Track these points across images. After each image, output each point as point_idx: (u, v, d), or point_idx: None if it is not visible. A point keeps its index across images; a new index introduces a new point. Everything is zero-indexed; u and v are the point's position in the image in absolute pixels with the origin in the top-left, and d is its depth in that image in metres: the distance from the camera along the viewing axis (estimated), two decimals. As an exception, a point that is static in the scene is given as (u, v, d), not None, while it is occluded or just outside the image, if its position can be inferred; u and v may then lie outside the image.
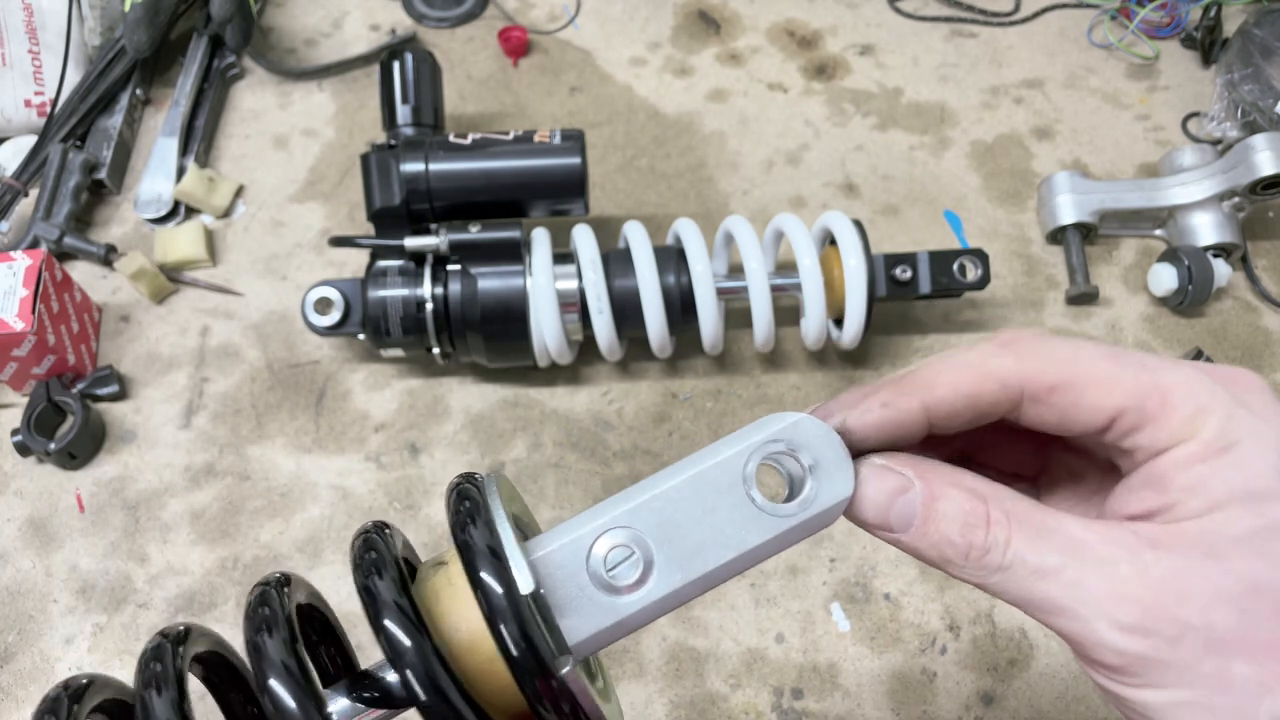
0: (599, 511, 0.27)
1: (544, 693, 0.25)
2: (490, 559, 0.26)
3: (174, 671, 0.25)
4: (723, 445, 0.28)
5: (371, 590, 0.26)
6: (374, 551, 0.28)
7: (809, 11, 0.98)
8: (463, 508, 0.28)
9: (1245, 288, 0.80)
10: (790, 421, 0.27)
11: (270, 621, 0.26)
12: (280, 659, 0.25)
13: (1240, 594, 0.23)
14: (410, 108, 0.75)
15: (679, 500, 0.27)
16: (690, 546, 0.27)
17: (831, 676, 0.63)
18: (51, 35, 0.87)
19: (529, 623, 0.25)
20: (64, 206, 0.80)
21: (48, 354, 0.71)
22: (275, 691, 0.25)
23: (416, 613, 0.26)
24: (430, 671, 0.25)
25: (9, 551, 0.68)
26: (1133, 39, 0.95)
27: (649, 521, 0.27)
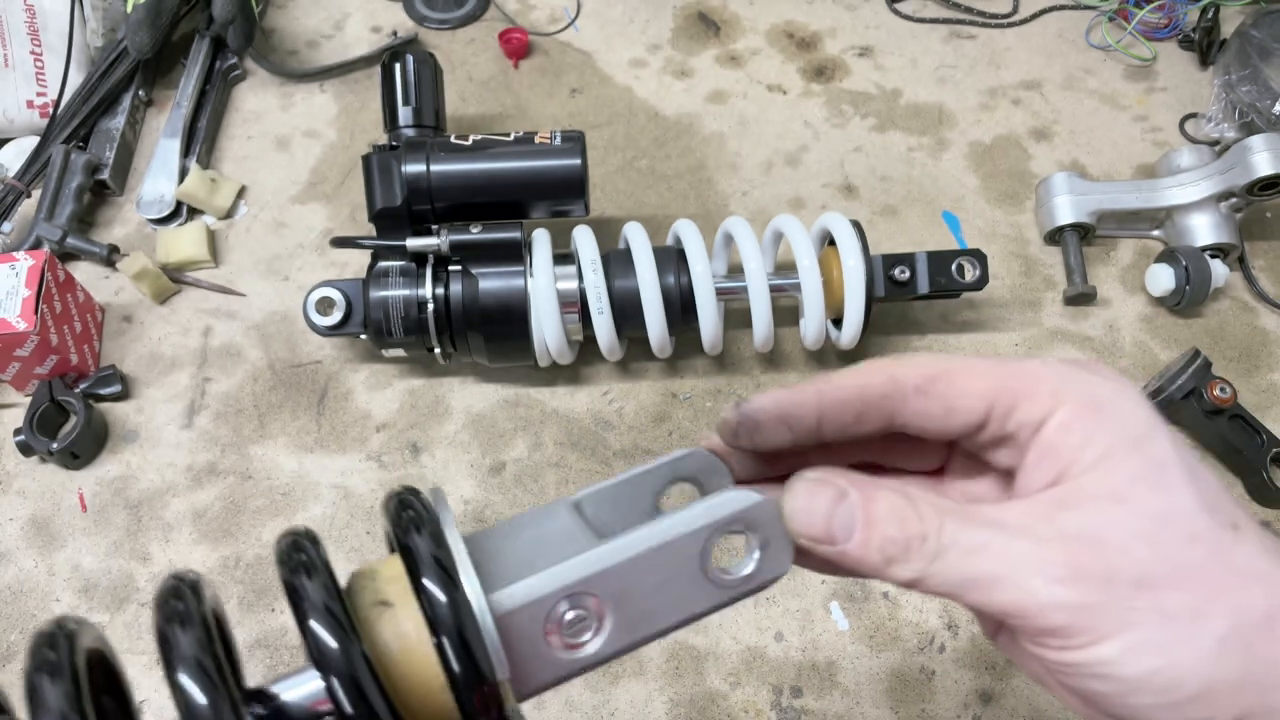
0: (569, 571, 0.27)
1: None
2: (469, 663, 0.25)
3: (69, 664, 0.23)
4: (688, 520, 0.28)
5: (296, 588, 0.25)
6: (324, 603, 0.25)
7: (808, 13, 0.99)
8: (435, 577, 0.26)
9: (1243, 288, 0.81)
10: (752, 503, 0.29)
11: (185, 616, 0.24)
12: (195, 654, 0.23)
13: (1150, 529, 0.25)
14: (411, 109, 0.75)
15: (639, 571, 0.28)
16: (641, 611, 0.28)
17: (830, 675, 0.63)
18: (54, 36, 0.87)
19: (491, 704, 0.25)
20: (66, 207, 0.81)
21: (50, 354, 0.71)
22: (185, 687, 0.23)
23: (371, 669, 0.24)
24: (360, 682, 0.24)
25: (11, 551, 0.68)
26: (1131, 40, 0.95)
27: (609, 588, 0.27)
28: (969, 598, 0.26)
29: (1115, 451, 0.26)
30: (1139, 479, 0.25)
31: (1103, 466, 0.26)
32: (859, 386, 0.29)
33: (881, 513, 0.27)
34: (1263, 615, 0.24)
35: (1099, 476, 0.26)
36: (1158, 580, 0.24)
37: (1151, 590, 0.24)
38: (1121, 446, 0.26)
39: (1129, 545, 0.25)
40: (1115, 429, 0.26)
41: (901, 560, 0.26)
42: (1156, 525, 0.25)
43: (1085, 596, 0.24)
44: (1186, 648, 0.24)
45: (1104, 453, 0.26)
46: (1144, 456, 0.26)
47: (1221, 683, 0.24)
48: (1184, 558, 0.25)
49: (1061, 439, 0.27)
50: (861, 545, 0.27)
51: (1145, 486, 0.25)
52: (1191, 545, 0.25)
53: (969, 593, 0.26)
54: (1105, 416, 0.26)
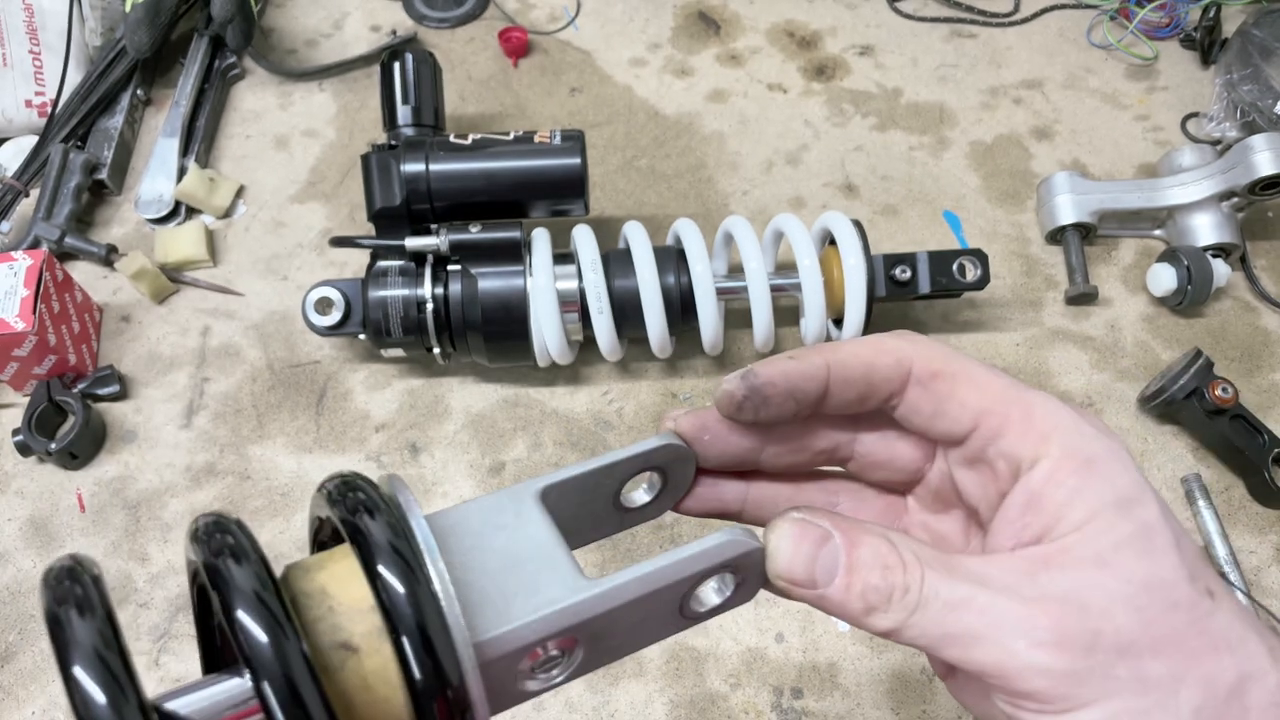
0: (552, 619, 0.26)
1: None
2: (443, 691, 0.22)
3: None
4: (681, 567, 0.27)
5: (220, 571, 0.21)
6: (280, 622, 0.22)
7: (809, 12, 0.98)
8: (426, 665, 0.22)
9: (1244, 288, 0.81)
10: (744, 552, 0.28)
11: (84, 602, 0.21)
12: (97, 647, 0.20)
13: (1133, 594, 0.24)
14: (411, 108, 0.75)
15: (623, 614, 0.27)
16: (612, 645, 0.27)
17: (831, 676, 0.63)
18: (52, 35, 0.87)
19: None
20: (65, 207, 0.81)
21: (49, 354, 0.71)
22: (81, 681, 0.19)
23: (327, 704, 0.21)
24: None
25: (10, 551, 0.68)
26: (1132, 39, 0.95)
27: (589, 630, 0.27)
28: (947, 653, 0.25)
29: (1103, 514, 0.25)
30: (1125, 544, 0.25)
31: (1090, 528, 0.25)
32: (867, 365, 0.29)
33: (865, 559, 0.26)
34: (1230, 685, 0.24)
35: (1085, 538, 0.25)
36: (1139, 648, 0.24)
37: (1132, 658, 0.24)
38: (1110, 509, 0.25)
39: (1112, 611, 0.24)
40: (1105, 489, 0.26)
41: (881, 610, 0.26)
42: (1140, 592, 0.25)
43: (1068, 663, 0.24)
44: (1164, 717, 0.24)
45: (1092, 514, 0.25)
46: (1132, 521, 0.25)
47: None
48: (1165, 625, 0.24)
49: (1049, 493, 0.26)
50: (843, 591, 0.26)
51: (1131, 552, 0.25)
52: (1173, 613, 0.25)
53: (947, 648, 0.25)
54: (1095, 475, 0.26)
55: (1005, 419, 0.27)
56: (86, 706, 0.19)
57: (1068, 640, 0.24)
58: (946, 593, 0.25)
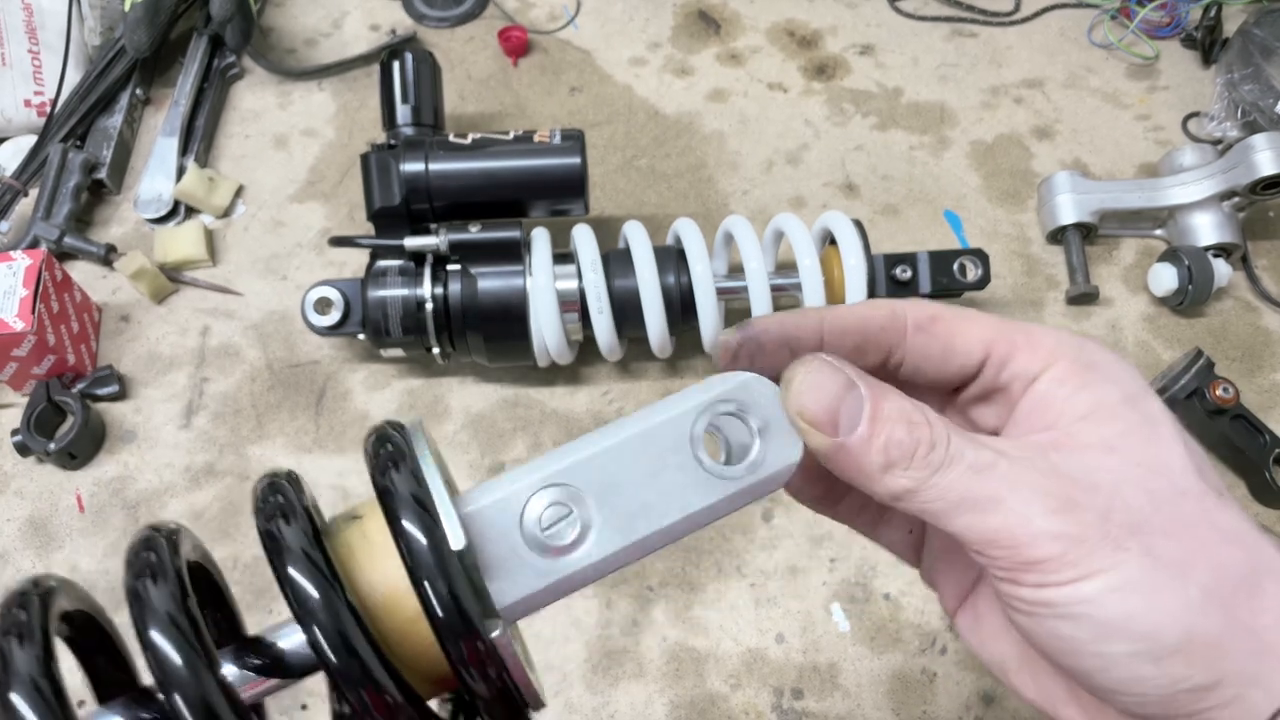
0: (536, 466, 0.25)
1: (470, 656, 0.23)
2: (416, 509, 0.23)
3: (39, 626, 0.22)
4: (670, 404, 0.26)
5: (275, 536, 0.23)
6: (280, 496, 0.25)
7: (809, 11, 0.98)
8: (384, 452, 0.25)
9: (1245, 288, 0.80)
10: (739, 381, 0.26)
11: (156, 569, 0.23)
12: (167, 610, 0.22)
13: (1142, 477, 0.25)
14: (410, 107, 0.75)
15: (622, 459, 0.25)
16: (632, 508, 0.25)
17: (832, 677, 0.63)
18: (51, 35, 0.87)
19: (457, 580, 0.23)
20: (64, 206, 0.80)
21: (48, 354, 0.71)
22: (159, 645, 0.22)
23: (329, 563, 0.23)
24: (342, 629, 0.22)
25: (9, 551, 0.68)
26: (1133, 39, 0.95)
27: (590, 479, 0.25)
28: (958, 519, 0.25)
29: (1108, 405, 0.26)
30: (1131, 432, 0.25)
31: (1095, 417, 0.26)
32: (861, 317, 0.29)
33: (890, 411, 0.26)
34: (1242, 576, 0.24)
35: (1091, 426, 0.26)
36: (1149, 526, 0.24)
37: (1143, 534, 0.24)
38: (1114, 401, 0.26)
39: (1122, 490, 0.25)
40: (1109, 387, 0.26)
41: (901, 466, 0.25)
42: (1149, 475, 0.25)
43: (1079, 529, 0.24)
44: (1171, 595, 0.23)
45: (1096, 405, 0.26)
46: (1137, 412, 0.26)
47: (1201, 639, 0.23)
48: (1174, 509, 0.24)
49: (1054, 390, 0.27)
50: (864, 440, 0.25)
51: (1138, 439, 0.25)
52: (1181, 499, 0.25)
53: (961, 514, 0.25)
54: (1099, 374, 0.27)
55: (1012, 344, 0.28)
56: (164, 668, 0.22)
57: (1081, 509, 0.24)
58: (972, 456, 0.25)
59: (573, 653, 0.64)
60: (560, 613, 0.65)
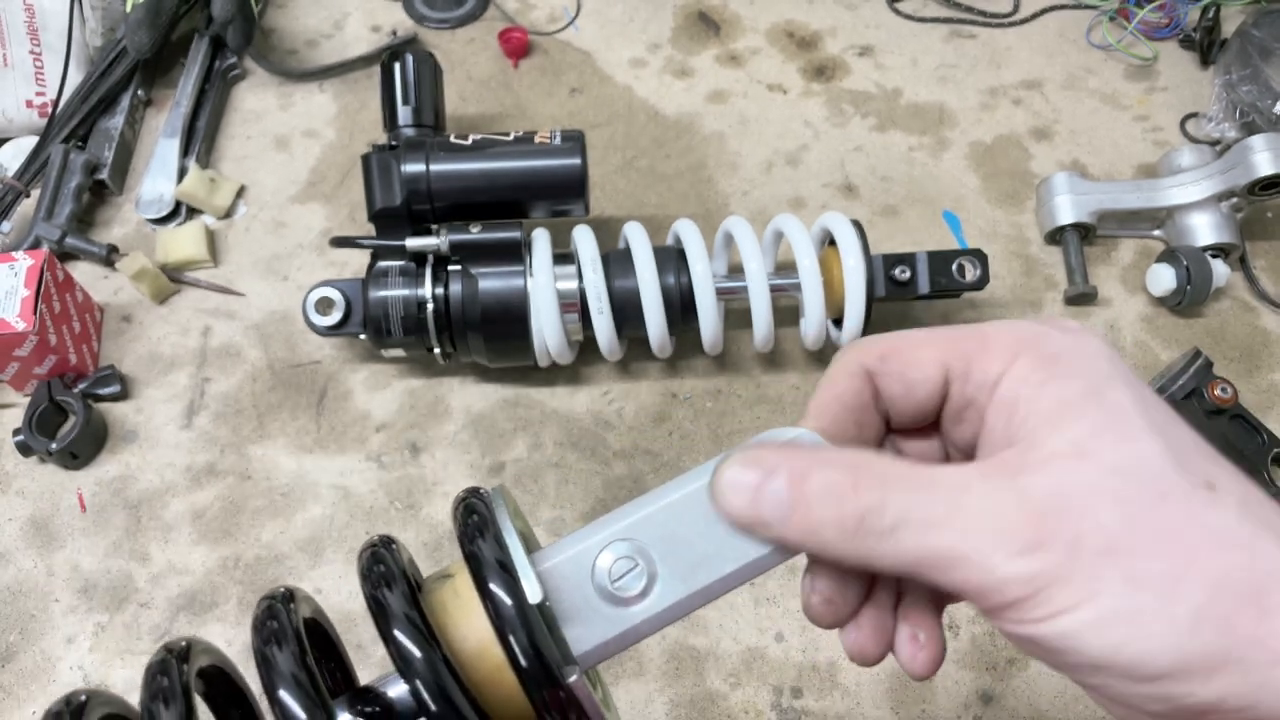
0: (604, 524, 0.28)
1: (552, 702, 0.26)
2: (499, 571, 0.27)
3: (179, 686, 0.25)
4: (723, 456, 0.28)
5: (381, 601, 0.27)
6: (383, 565, 0.28)
7: (808, 13, 0.99)
8: (471, 521, 0.28)
9: (1243, 288, 0.81)
10: (790, 436, 0.28)
11: (279, 634, 0.27)
12: (290, 670, 0.26)
13: (1118, 486, 0.23)
14: (411, 109, 0.75)
15: (682, 514, 0.27)
16: (693, 559, 0.27)
17: (831, 675, 0.63)
18: (53, 36, 0.87)
19: (537, 632, 0.26)
20: (66, 207, 0.81)
21: (49, 354, 0.71)
22: (285, 702, 0.25)
23: (426, 623, 0.27)
24: (440, 681, 0.25)
25: (11, 551, 0.68)
26: (1131, 40, 0.95)
27: (653, 534, 0.27)
28: (927, 576, 0.24)
29: (1073, 401, 0.24)
30: (1100, 431, 0.24)
31: (1061, 417, 0.24)
32: (835, 398, 0.29)
33: (815, 490, 0.25)
34: (1246, 586, 0.22)
35: (1058, 429, 0.24)
36: (1126, 546, 0.22)
37: (1121, 556, 0.22)
38: (1080, 396, 0.24)
39: (1095, 507, 0.23)
40: (1072, 379, 0.25)
41: (840, 544, 0.25)
42: (1123, 483, 0.23)
43: (1047, 566, 0.23)
44: (1158, 619, 0.22)
45: (1061, 403, 0.24)
46: (1103, 407, 0.24)
47: (1197, 658, 0.22)
48: (1155, 519, 0.23)
49: (1018, 391, 0.25)
50: (795, 527, 0.26)
51: (1109, 438, 0.24)
52: (1162, 504, 0.23)
53: (926, 571, 0.24)
54: (1062, 366, 0.25)
55: (966, 354, 0.27)
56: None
57: (1048, 542, 0.23)
58: (921, 513, 0.24)
59: (573, 652, 0.64)
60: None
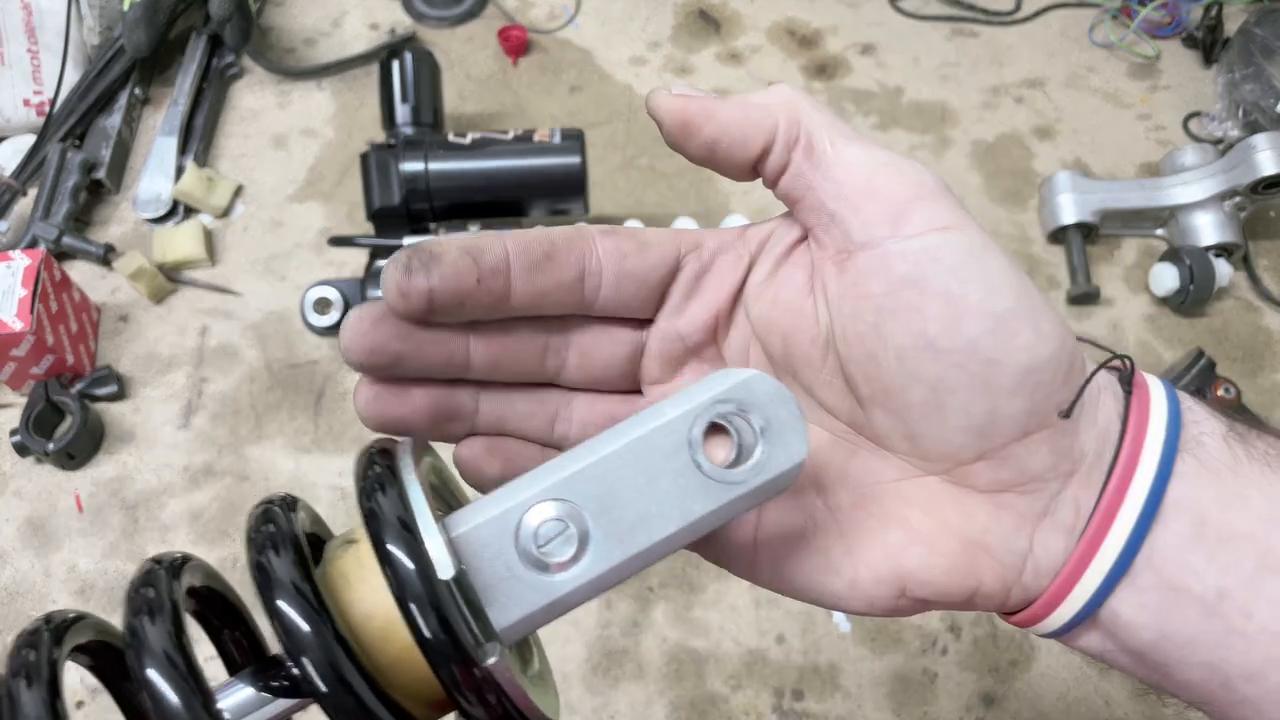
0: (529, 482, 0.24)
1: (465, 682, 0.23)
2: (402, 534, 0.23)
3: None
4: (665, 407, 0.25)
5: (265, 568, 0.23)
6: (272, 525, 0.24)
7: (809, 11, 0.98)
8: (372, 473, 0.25)
9: (1246, 287, 0.80)
10: (740, 379, 0.25)
11: (154, 605, 0.23)
12: (162, 648, 0.22)
13: None
14: (410, 107, 0.75)
15: (618, 468, 0.24)
16: (630, 519, 0.24)
17: (832, 678, 0.63)
18: (50, 35, 0.87)
19: (447, 607, 0.22)
20: (63, 206, 0.80)
21: (46, 354, 0.71)
22: (154, 684, 0.22)
23: (317, 594, 0.23)
24: (331, 659, 0.22)
25: (8, 552, 0.68)
26: (1134, 38, 0.95)
27: (585, 492, 0.24)
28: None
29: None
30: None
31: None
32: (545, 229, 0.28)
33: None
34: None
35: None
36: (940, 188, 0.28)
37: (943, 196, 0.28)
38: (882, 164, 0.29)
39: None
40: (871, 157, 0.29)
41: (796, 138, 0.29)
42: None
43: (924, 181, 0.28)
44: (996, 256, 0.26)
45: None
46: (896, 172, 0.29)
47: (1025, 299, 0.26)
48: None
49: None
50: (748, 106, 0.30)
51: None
52: None
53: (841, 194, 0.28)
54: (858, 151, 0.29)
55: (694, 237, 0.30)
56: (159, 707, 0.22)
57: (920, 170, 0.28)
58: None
59: (573, 653, 0.64)
60: (560, 613, 0.65)
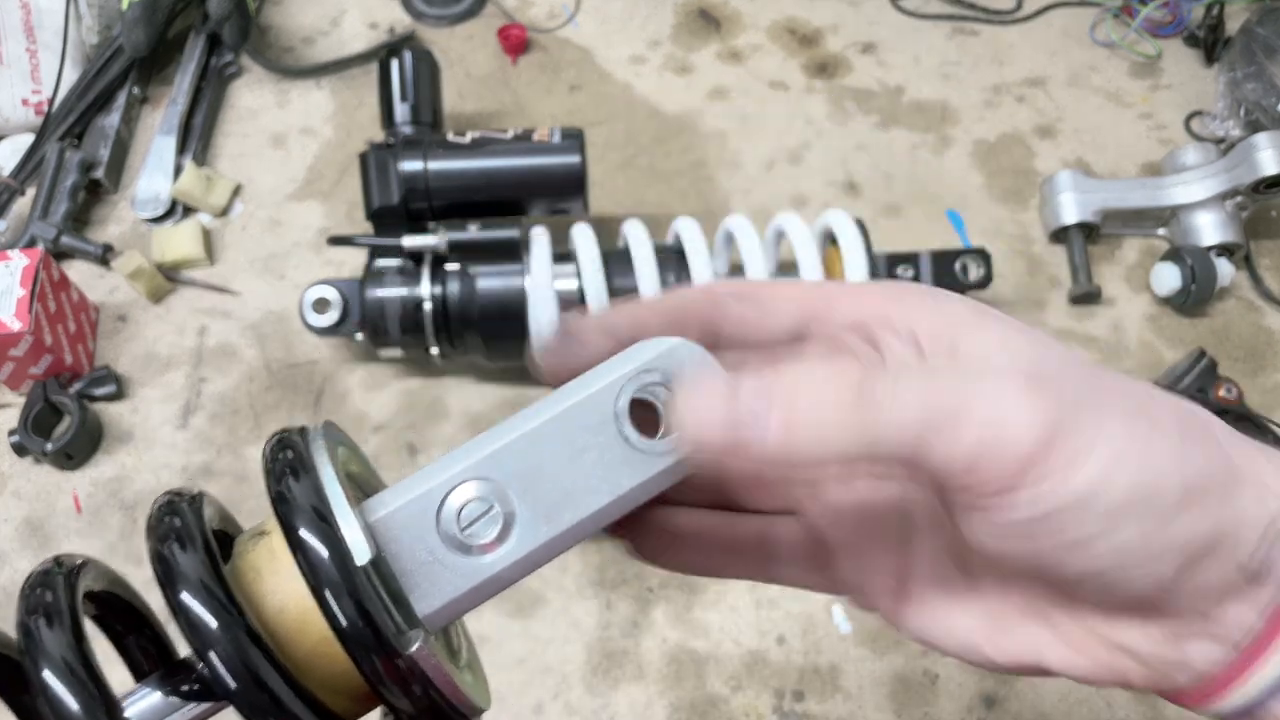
0: (451, 461, 0.24)
1: (388, 674, 0.22)
2: (314, 521, 0.22)
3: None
4: (589, 379, 0.25)
5: (167, 560, 0.22)
6: (176, 518, 0.23)
7: (810, 9, 0.98)
8: (281, 459, 0.23)
9: (1248, 287, 0.80)
10: (665, 347, 0.24)
11: (50, 609, 0.22)
12: (60, 653, 0.21)
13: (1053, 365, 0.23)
14: (409, 106, 0.74)
15: (542, 444, 0.24)
16: (557, 495, 0.24)
17: (833, 679, 0.63)
18: (49, 34, 0.86)
19: (365, 594, 0.22)
20: (61, 206, 0.80)
21: (45, 354, 0.70)
22: (53, 689, 0.21)
23: (224, 585, 0.22)
24: (241, 653, 0.21)
25: (6, 552, 0.68)
26: (1135, 37, 0.95)
27: (508, 470, 0.23)
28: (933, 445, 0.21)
29: (968, 318, 0.24)
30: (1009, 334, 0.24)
31: (965, 331, 0.24)
32: (678, 296, 0.28)
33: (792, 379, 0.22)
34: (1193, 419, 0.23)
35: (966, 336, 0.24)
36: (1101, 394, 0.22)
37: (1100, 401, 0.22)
38: (971, 314, 0.24)
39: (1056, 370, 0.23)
40: (956, 304, 0.24)
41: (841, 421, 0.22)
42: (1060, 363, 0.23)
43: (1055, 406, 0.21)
44: (1159, 444, 0.21)
45: (957, 321, 0.24)
46: (996, 321, 0.24)
47: (1195, 482, 0.21)
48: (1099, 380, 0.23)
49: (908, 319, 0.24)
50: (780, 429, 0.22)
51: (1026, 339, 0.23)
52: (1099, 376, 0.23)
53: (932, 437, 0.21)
54: (940, 299, 0.25)
55: (828, 296, 0.26)
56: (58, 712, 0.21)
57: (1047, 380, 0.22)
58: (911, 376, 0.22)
59: (572, 654, 0.64)
60: (559, 614, 0.65)
